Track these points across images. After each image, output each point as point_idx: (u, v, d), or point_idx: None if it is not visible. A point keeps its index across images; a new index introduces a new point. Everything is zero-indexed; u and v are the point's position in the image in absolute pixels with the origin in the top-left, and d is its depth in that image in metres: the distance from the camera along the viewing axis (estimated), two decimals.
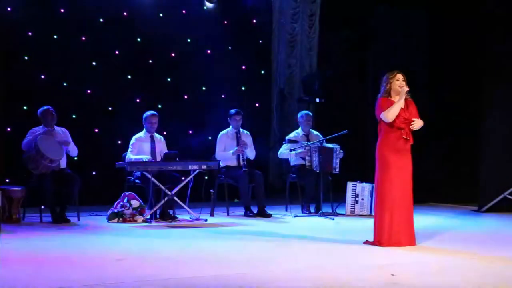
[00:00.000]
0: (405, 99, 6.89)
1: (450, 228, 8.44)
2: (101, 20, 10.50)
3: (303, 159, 9.76)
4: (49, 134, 8.59)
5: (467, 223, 9.07)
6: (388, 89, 6.91)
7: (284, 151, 9.93)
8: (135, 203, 8.71)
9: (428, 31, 11.36)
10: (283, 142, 10.10)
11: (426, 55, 11.34)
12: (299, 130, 10.09)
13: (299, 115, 10.22)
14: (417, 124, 6.86)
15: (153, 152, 9.18)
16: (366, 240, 6.94)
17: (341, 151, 9.58)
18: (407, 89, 6.85)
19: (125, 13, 10.68)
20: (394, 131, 6.84)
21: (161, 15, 11.01)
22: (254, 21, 11.88)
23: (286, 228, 8.40)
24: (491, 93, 10.31)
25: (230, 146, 9.68)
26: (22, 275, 5.45)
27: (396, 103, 6.80)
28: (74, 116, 10.20)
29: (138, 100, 10.70)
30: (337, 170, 9.53)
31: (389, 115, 6.79)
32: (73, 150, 8.82)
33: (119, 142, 10.24)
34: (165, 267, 5.86)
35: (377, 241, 6.81)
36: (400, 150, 6.83)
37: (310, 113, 10.23)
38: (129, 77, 10.74)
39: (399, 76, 6.92)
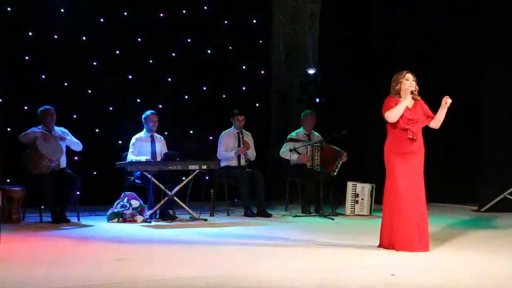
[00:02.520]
0: (414, 99, 6.75)
1: (450, 228, 8.44)
2: (101, 20, 10.50)
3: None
4: (47, 135, 8.56)
5: (467, 223, 9.06)
6: (398, 89, 6.71)
7: (285, 151, 9.92)
8: (135, 203, 8.71)
9: (428, 30, 11.35)
10: (285, 141, 10.09)
11: (426, 54, 11.32)
12: (301, 129, 10.08)
13: (302, 114, 10.21)
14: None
15: (153, 152, 9.18)
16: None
17: (346, 157, 9.58)
18: (412, 89, 6.68)
19: (125, 13, 10.69)
20: (398, 132, 6.65)
21: (161, 15, 11.01)
22: (254, 21, 11.88)
23: (286, 228, 8.40)
24: (491, 92, 10.31)
25: (231, 146, 9.70)
26: (22, 275, 5.45)
27: (401, 103, 6.62)
28: (74, 116, 10.20)
29: (138, 100, 10.70)
30: (335, 173, 9.56)
31: (392, 115, 6.61)
32: (75, 145, 8.80)
33: (119, 142, 10.24)
34: (164, 267, 5.86)
35: (380, 245, 6.69)
36: (405, 152, 6.63)
37: (314, 113, 10.23)
38: (129, 77, 10.75)
39: (409, 76, 6.73)
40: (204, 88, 11.39)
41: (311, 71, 11.85)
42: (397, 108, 6.62)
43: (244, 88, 11.73)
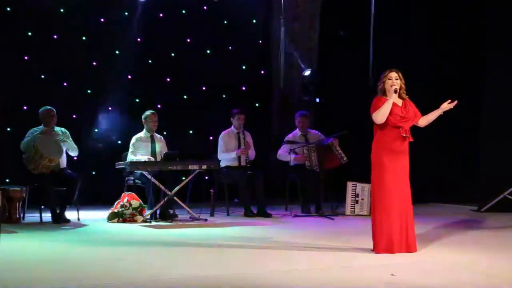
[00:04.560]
0: (403, 98, 6.66)
1: (450, 228, 8.44)
2: (101, 20, 10.50)
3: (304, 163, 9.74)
4: (48, 134, 8.58)
5: (467, 223, 9.07)
6: (382, 88, 6.65)
7: (283, 153, 9.91)
8: (135, 203, 8.71)
9: (429, 29, 11.35)
10: (282, 143, 10.08)
11: (426, 54, 11.33)
12: (297, 131, 10.08)
13: (296, 115, 10.20)
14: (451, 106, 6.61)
15: (153, 152, 9.18)
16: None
17: (336, 139, 9.53)
18: (395, 87, 6.56)
19: (125, 13, 10.69)
20: (389, 131, 6.56)
21: (161, 15, 11.01)
22: (254, 21, 11.88)
23: (286, 228, 8.40)
24: (491, 93, 10.31)
25: (232, 146, 9.69)
26: (22, 275, 5.45)
27: (385, 104, 6.52)
28: (74, 116, 10.19)
29: (138, 100, 10.70)
30: (345, 158, 9.52)
31: (378, 116, 6.52)
32: (72, 150, 8.79)
33: (119, 142, 10.24)
34: (165, 267, 5.86)
35: (374, 249, 6.52)
36: (395, 151, 6.54)
37: (307, 113, 10.20)
38: (129, 77, 10.75)
39: (392, 75, 6.62)
40: (204, 88, 11.39)
41: (307, 73, 11.85)
42: (382, 109, 6.52)
43: (244, 88, 11.73)
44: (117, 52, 10.65)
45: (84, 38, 10.37)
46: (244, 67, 11.75)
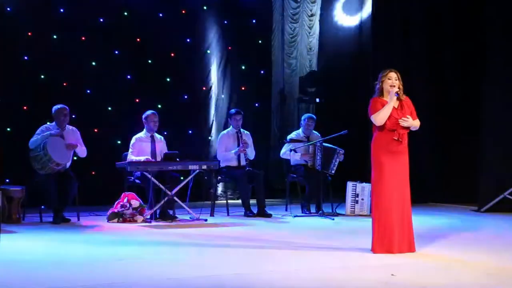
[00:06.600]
0: (400, 99, 6.62)
1: (449, 228, 8.44)
2: (101, 20, 10.50)
3: (306, 161, 9.71)
4: (59, 136, 8.54)
5: (467, 223, 9.07)
6: (380, 88, 6.65)
7: (286, 151, 9.91)
8: (135, 203, 8.70)
9: (428, 29, 11.36)
10: (285, 141, 10.06)
11: (426, 54, 11.34)
12: (300, 131, 10.07)
13: (302, 117, 10.16)
14: (408, 122, 6.55)
15: (153, 152, 9.17)
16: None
17: (343, 155, 9.53)
18: (396, 89, 6.56)
19: (125, 13, 10.69)
20: (386, 133, 6.56)
21: (161, 15, 11.01)
22: (254, 21, 11.88)
23: (286, 228, 8.40)
24: (491, 93, 10.31)
25: (231, 146, 9.68)
26: (22, 275, 5.46)
27: (386, 106, 6.52)
28: (74, 116, 10.19)
29: (137, 100, 10.69)
30: (333, 171, 9.51)
31: (378, 118, 6.52)
32: (82, 151, 8.79)
33: (119, 142, 10.24)
34: (165, 267, 5.87)
35: (374, 249, 6.51)
36: (394, 151, 6.54)
37: (314, 117, 10.18)
38: (129, 77, 10.74)
39: (391, 75, 6.61)
40: (204, 88, 11.39)
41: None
42: (383, 111, 6.52)
43: (244, 88, 11.73)
44: (117, 52, 10.65)
45: (84, 38, 10.37)
46: (244, 67, 11.75)
